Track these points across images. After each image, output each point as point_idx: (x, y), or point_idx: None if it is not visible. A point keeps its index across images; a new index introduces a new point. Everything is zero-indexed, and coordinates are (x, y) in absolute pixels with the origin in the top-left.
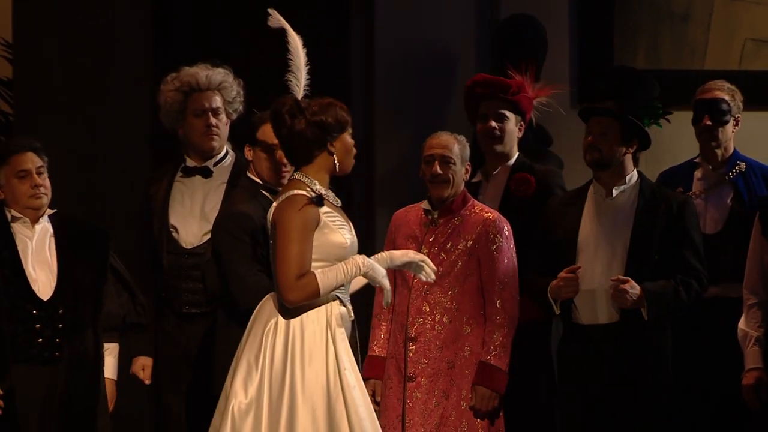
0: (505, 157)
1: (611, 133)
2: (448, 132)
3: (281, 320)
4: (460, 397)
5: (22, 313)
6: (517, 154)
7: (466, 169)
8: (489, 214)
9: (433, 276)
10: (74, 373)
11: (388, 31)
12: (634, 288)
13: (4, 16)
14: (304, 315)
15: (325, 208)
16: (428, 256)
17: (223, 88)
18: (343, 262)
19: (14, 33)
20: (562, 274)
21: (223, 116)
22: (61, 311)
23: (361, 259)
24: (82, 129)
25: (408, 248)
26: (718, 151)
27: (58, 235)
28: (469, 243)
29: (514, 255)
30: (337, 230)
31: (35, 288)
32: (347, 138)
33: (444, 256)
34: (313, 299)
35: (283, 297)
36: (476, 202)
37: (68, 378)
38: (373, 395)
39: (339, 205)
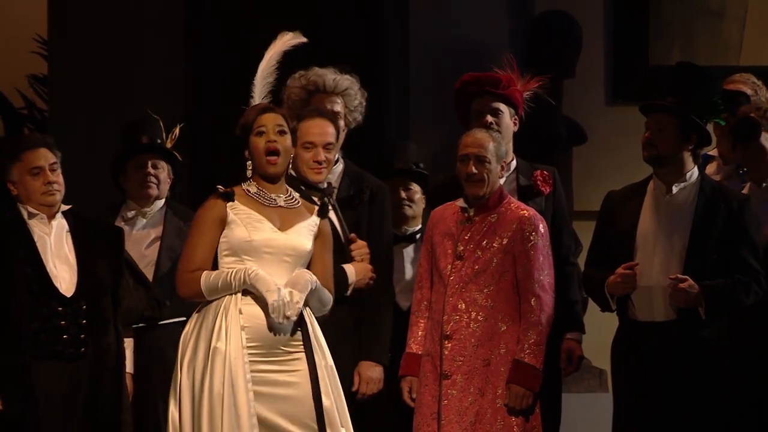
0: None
1: (669, 130)
2: (483, 129)
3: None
4: (496, 394)
5: (46, 310)
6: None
7: (502, 166)
8: (525, 211)
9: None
10: (98, 368)
11: (422, 28)
12: (692, 287)
13: (39, 13)
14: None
15: (238, 205)
16: (464, 254)
17: (346, 95)
18: (233, 270)
19: (49, 30)
20: (620, 270)
21: (341, 122)
22: (84, 307)
23: (250, 271)
24: (116, 125)
25: (445, 245)
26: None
27: (74, 230)
28: (505, 240)
29: (550, 253)
30: (243, 225)
31: (58, 284)
32: (254, 140)
33: (480, 253)
34: (200, 298)
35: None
36: (512, 199)
37: (92, 373)
38: (409, 392)
39: (281, 205)
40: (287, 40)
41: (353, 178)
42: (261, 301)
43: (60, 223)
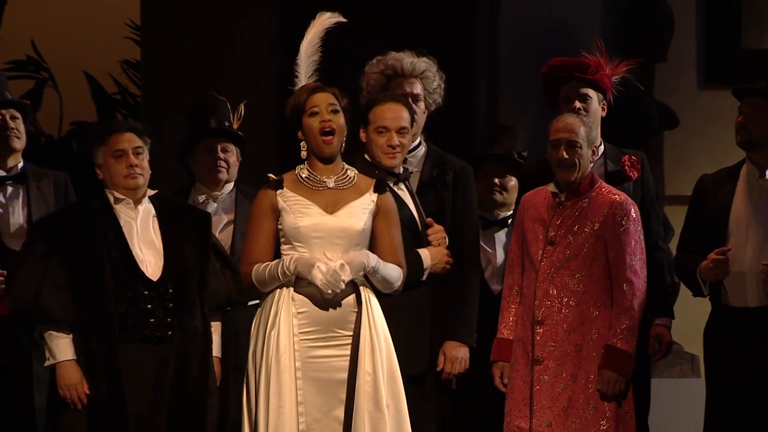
0: None
1: (762, 114)
2: (574, 114)
3: None
4: (588, 380)
5: (132, 294)
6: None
7: (593, 151)
8: (616, 196)
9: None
10: (186, 351)
11: (514, 13)
12: None
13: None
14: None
15: (287, 192)
16: (555, 239)
17: (425, 77)
18: (276, 262)
19: (142, 15)
20: (713, 255)
21: (422, 104)
22: (170, 290)
23: (288, 261)
24: None
25: (535, 230)
26: None
27: (160, 215)
28: (596, 225)
29: (642, 237)
30: (291, 212)
31: (144, 268)
32: (307, 120)
33: (571, 238)
34: (257, 290)
35: None
36: (604, 183)
37: (180, 357)
38: (500, 377)
39: (330, 187)
40: (326, 19)
41: (436, 160)
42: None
43: (146, 208)
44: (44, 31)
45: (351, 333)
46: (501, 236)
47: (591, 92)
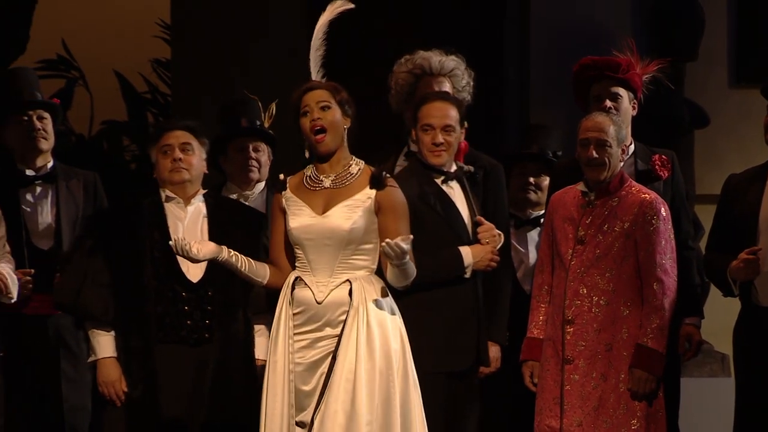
0: None
1: None
2: (603, 113)
3: None
4: (619, 379)
5: (171, 294)
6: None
7: (623, 150)
8: (646, 195)
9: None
10: (226, 354)
11: (544, 12)
12: None
13: None
14: None
15: (289, 194)
16: (585, 238)
17: (453, 75)
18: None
19: (172, 14)
20: (743, 255)
21: None
22: (210, 293)
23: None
24: None
25: (565, 230)
26: None
27: (211, 215)
28: (626, 224)
29: (672, 236)
30: (289, 215)
31: (185, 270)
32: (301, 120)
33: (601, 237)
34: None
35: None
36: (633, 182)
37: (220, 359)
38: (530, 377)
39: (327, 186)
40: (336, 8)
41: (467, 158)
42: (309, 285)
43: (197, 208)
44: (75, 30)
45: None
46: (533, 236)
47: (622, 91)
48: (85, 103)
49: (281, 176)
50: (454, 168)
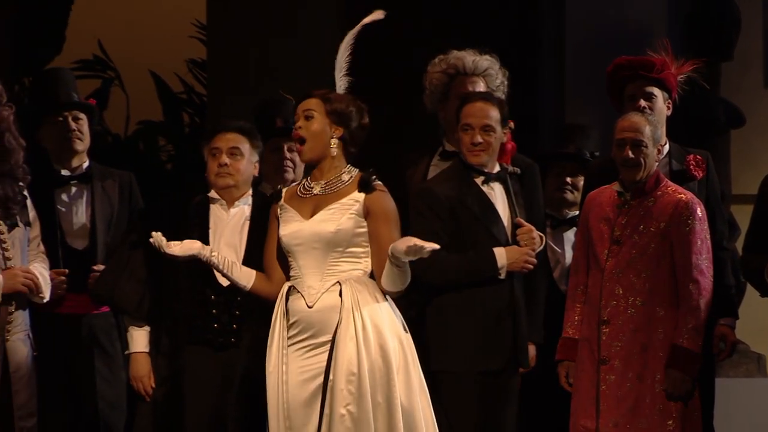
0: None
1: None
2: (639, 113)
3: None
4: (654, 379)
5: (201, 297)
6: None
7: (658, 150)
8: (682, 195)
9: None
10: (255, 359)
11: (579, 11)
12: None
13: None
14: None
15: (283, 203)
16: (621, 239)
17: (487, 75)
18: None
19: (208, 15)
20: None
21: None
22: (239, 298)
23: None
24: None
25: (601, 230)
26: None
27: (253, 217)
28: (662, 224)
29: (708, 237)
30: (281, 223)
31: (217, 273)
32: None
33: (637, 237)
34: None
35: None
36: (669, 182)
37: (248, 364)
38: (566, 377)
39: (316, 193)
40: (369, 18)
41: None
42: (300, 292)
43: (240, 211)
44: (111, 30)
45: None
46: (570, 236)
47: (656, 91)
48: (121, 103)
49: (279, 186)
50: (496, 169)
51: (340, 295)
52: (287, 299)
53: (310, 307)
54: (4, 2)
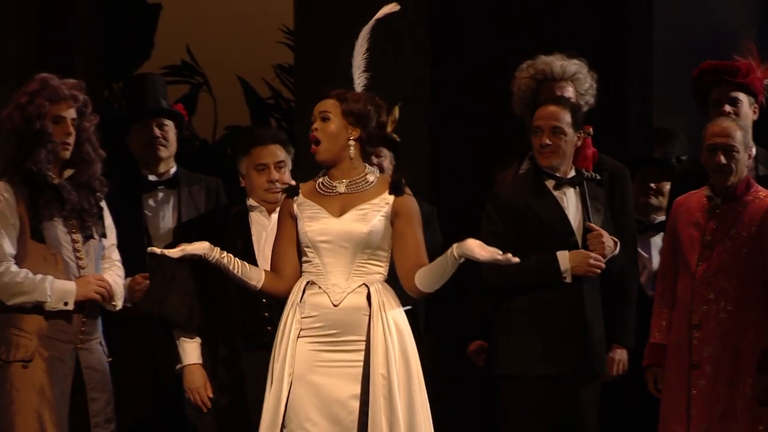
0: None
1: None
2: (729, 118)
3: None
4: (746, 384)
5: (251, 302)
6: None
7: (749, 155)
8: None
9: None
10: None
11: (668, 14)
12: None
13: (285, 4)
14: None
15: (302, 199)
16: (712, 244)
17: (576, 79)
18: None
19: (296, 20)
20: None
21: None
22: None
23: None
24: None
25: (690, 235)
26: None
27: None
28: (753, 229)
29: None
30: (303, 219)
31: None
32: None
33: (728, 242)
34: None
35: None
36: (760, 187)
37: None
38: (654, 382)
39: (341, 192)
40: (384, 11)
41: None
42: (323, 289)
43: None
44: (199, 36)
45: (359, 339)
46: (657, 241)
47: (741, 96)
48: (208, 108)
49: (293, 182)
50: (571, 174)
51: (368, 297)
52: (303, 293)
53: (335, 305)
54: (95, 9)
